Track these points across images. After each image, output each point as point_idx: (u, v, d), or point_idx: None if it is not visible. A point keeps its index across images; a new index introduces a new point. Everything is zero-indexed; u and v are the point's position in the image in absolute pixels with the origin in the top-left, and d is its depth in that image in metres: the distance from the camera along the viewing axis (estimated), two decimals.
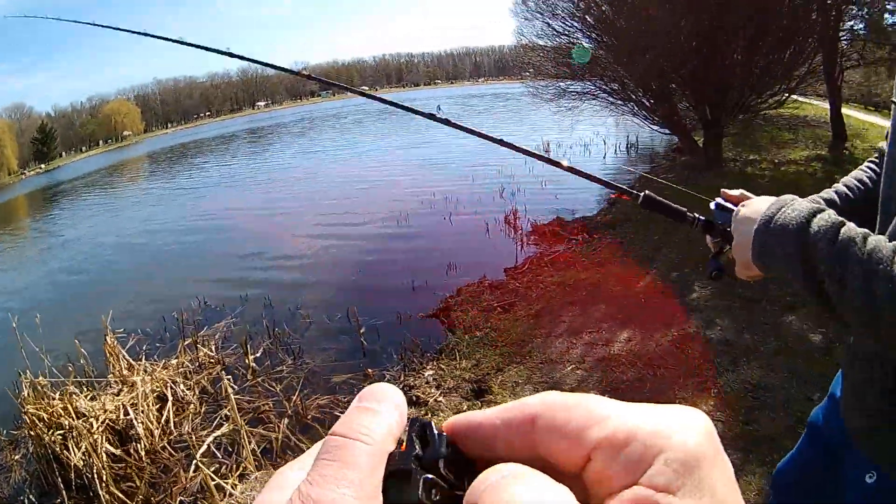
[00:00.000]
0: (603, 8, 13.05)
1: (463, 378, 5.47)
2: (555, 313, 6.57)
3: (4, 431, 6.38)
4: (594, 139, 21.35)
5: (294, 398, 5.83)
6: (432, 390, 5.36)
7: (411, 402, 5.21)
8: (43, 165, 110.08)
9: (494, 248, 10.25)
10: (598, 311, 6.44)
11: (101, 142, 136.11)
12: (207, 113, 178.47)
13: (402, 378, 5.90)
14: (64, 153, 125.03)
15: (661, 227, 8.74)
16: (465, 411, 0.39)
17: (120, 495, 4.98)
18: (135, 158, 63.61)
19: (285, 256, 12.07)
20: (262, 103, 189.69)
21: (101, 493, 4.95)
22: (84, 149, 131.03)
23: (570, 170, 1.71)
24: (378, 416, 0.37)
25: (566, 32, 14.54)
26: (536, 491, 0.30)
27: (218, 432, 5.45)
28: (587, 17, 13.60)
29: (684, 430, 0.32)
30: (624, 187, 1.65)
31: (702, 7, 10.83)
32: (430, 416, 4.87)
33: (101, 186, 38.80)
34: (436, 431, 0.37)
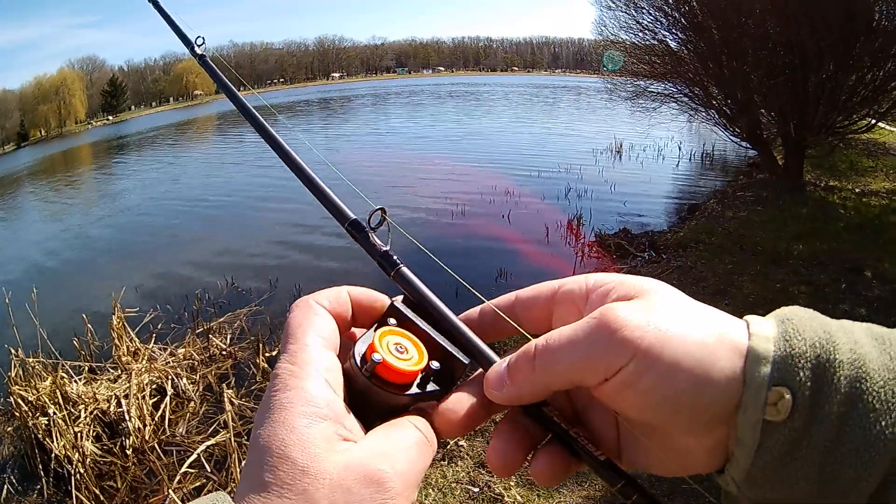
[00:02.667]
0: (693, 4, 12.20)
1: (494, 418, 4.75)
2: None
3: None
4: (668, 144, 20.46)
5: None
6: None
7: None
8: (111, 117, 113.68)
9: (552, 256, 9.61)
10: None
11: (171, 99, 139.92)
12: (281, 80, 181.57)
13: None
14: (133, 107, 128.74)
15: (735, 256, 8.03)
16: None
17: (98, 494, 4.63)
18: (204, 117, 64.83)
19: (324, 244, 11.37)
20: (336, 74, 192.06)
21: (74, 491, 4.63)
22: (154, 104, 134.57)
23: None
24: None
25: (652, 28, 13.62)
26: None
27: (212, 440, 4.96)
28: (675, 13, 12.68)
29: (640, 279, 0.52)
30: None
31: (795, 19, 10.06)
32: (446, 461, 4.31)
33: (167, 143, 39.40)
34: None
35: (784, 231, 8.75)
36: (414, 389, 0.53)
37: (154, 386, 5.75)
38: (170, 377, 5.83)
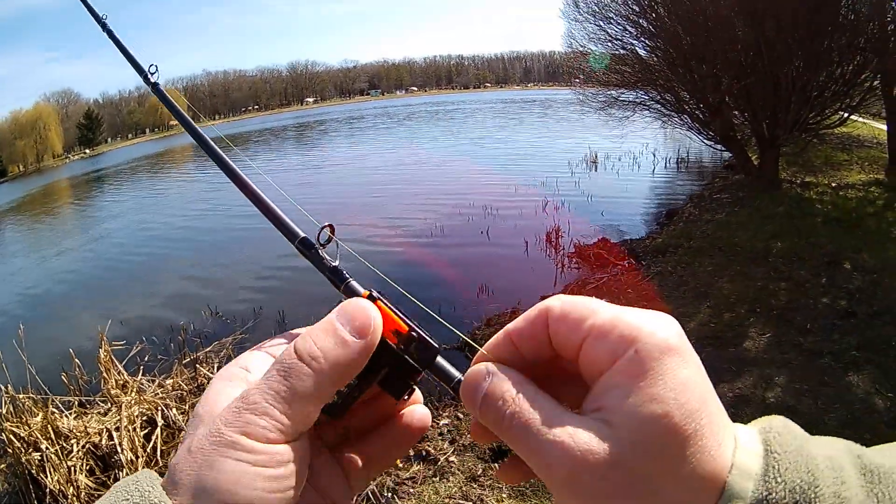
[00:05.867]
0: (659, 10, 12.35)
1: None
2: None
3: None
4: (643, 151, 20.56)
5: None
6: (445, 445, 4.69)
7: (420, 457, 4.63)
8: (88, 150, 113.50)
9: (532, 270, 9.60)
10: None
11: (147, 130, 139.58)
12: (255, 106, 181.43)
13: None
14: (110, 139, 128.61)
15: (714, 258, 8.07)
16: (479, 476, 0.77)
17: None
18: (180, 147, 64.58)
19: (306, 266, 11.25)
20: (310, 99, 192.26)
21: None
22: (130, 136, 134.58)
23: None
24: (347, 349, 0.50)
25: (620, 37, 13.79)
26: None
27: None
28: (642, 21, 12.82)
29: (656, 326, 0.46)
30: None
31: (761, 16, 10.20)
32: (437, 477, 4.27)
33: (145, 174, 39.32)
34: None
35: (762, 230, 8.81)
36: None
37: (144, 417, 5.68)
38: (159, 408, 5.76)
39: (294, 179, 23.20)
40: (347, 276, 0.60)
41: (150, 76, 0.96)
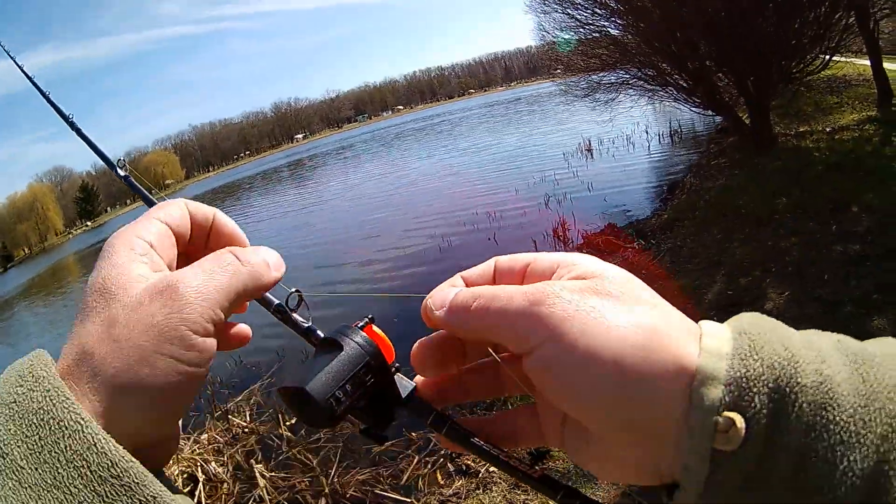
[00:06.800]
0: None
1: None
2: None
3: None
4: (636, 130, 20.50)
5: (332, 473, 5.18)
6: None
7: (461, 472, 4.65)
8: (89, 223, 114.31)
9: None
10: None
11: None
12: (247, 152, 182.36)
13: None
14: (109, 209, 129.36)
15: (722, 225, 8.01)
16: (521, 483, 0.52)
17: None
18: None
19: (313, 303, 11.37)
20: (299, 136, 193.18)
21: None
22: (129, 201, 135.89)
23: None
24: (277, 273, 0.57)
25: (590, 21, 13.73)
26: None
27: None
28: (609, 1, 12.79)
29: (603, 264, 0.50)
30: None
31: None
32: (480, 489, 4.25)
33: None
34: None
35: (764, 189, 8.73)
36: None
37: (185, 475, 5.69)
38: (198, 464, 5.78)
39: (289, 223, 23.32)
40: (317, 330, 0.61)
41: (119, 170, 0.93)
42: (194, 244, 0.59)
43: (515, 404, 0.60)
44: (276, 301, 0.63)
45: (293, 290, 0.62)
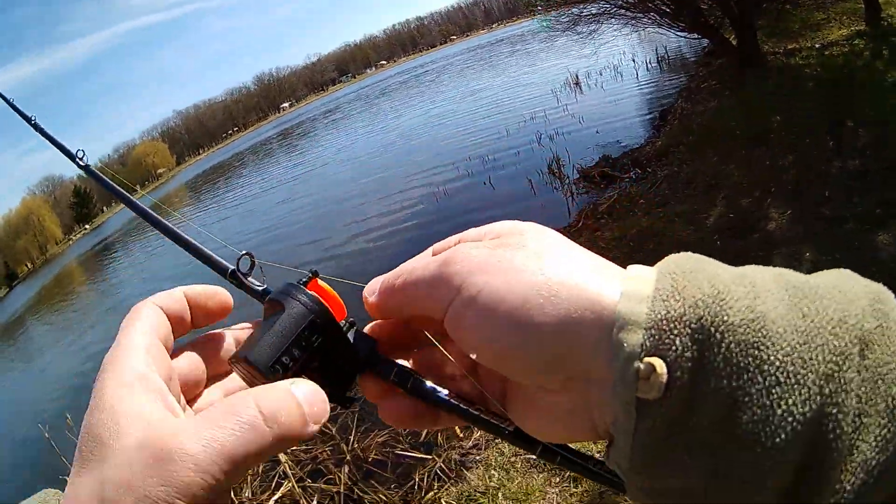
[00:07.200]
0: None
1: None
2: None
3: None
4: (623, 60, 20.29)
5: (351, 440, 5.22)
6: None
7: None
8: (87, 226, 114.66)
9: (542, 206, 9.46)
10: None
11: (138, 187, 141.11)
12: (235, 128, 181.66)
13: None
14: (105, 208, 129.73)
15: (717, 148, 7.94)
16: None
17: None
18: (175, 191, 64.95)
19: (319, 255, 11.85)
20: (285, 105, 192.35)
21: None
22: None
23: None
24: (305, 430, 0.45)
25: None
26: None
27: (279, 493, 4.93)
28: None
29: (523, 224, 0.49)
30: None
31: None
32: (499, 439, 4.26)
33: (148, 229, 39.63)
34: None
35: (757, 108, 8.66)
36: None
37: None
38: None
39: (283, 195, 23.19)
40: (270, 289, 0.59)
41: (79, 161, 0.97)
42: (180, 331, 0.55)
43: None
44: (231, 267, 0.61)
45: (243, 252, 0.60)
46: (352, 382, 0.53)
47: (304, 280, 0.53)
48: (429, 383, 0.51)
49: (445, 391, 0.50)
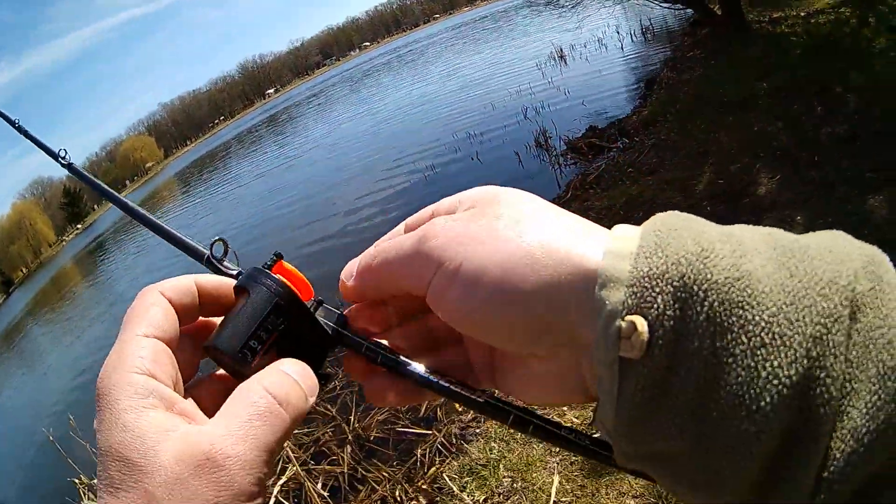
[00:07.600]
0: None
1: None
2: None
3: None
4: (607, 32, 20.17)
5: (352, 420, 5.24)
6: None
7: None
8: (80, 226, 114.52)
9: (531, 178, 9.46)
10: None
11: (127, 182, 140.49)
12: (222, 117, 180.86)
13: None
14: (96, 206, 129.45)
15: (705, 115, 7.93)
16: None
17: None
18: (164, 184, 64.76)
19: (310, 241, 11.83)
20: (271, 91, 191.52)
21: None
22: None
23: None
24: (306, 405, 0.47)
25: None
26: None
27: (283, 478, 4.93)
28: None
29: (498, 189, 0.48)
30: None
31: None
32: None
33: (136, 225, 39.66)
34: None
35: (743, 76, 8.65)
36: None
37: None
38: None
39: (271, 183, 23.13)
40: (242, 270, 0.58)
41: (62, 160, 1.00)
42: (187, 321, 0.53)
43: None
44: (207, 253, 0.61)
45: (216, 238, 0.60)
46: (324, 360, 0.54)
47: (268, 263, 0.53)
48: (401, 357, 0.50)
49: (418, 364, 0.50)
